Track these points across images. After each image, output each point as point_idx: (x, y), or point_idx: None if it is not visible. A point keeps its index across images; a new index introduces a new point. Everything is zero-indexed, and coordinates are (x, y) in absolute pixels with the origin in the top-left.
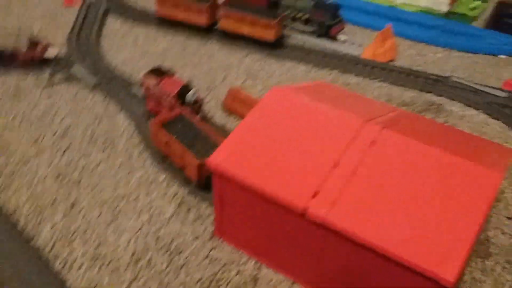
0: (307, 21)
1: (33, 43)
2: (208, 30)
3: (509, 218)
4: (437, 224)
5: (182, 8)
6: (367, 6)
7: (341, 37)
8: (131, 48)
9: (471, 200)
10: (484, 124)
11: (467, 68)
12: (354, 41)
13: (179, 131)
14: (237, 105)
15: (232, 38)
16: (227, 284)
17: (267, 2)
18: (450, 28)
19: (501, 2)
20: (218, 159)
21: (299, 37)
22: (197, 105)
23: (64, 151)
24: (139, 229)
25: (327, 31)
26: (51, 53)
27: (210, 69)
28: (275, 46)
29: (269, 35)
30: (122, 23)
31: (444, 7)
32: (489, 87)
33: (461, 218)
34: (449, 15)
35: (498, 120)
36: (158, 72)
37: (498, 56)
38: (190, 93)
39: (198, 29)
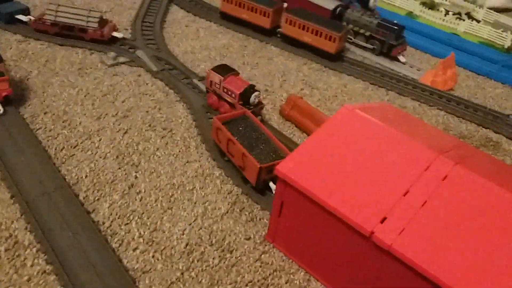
0: (369, 38)
1: (103, 22)
2: (269, 33)
3: None
4: (507, 270)
5: (246, 8)
6: (429, 31)
7: (401, 58)
8: (192, 40)
9: None
10: None
11: None
12: (413, 64)
13: (242, 131)
14: (296, 113)
15: (292, 44)
16: None
17: (330, 14)
18: None
19: None
20: (287, 167)
21: (359, 53)
22: (258, 108)
23: (125, 132)
24: (193, 221)
25: (388, 51)
26: (118, 33)
27: (269, 72)
28: (334, 58)
29: (331, 47)
30: (185, 14)
31: (507, 42)
32: None
33: None
34: (511, 50)
35: None
36: (224, 69)
37: None
38: (254, 94)
39: (259, 30)
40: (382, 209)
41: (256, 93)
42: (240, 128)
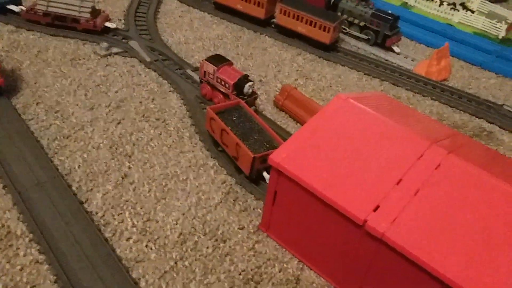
0: (363, 28)
1: (95, 12)
2: (263, 23)
3: None
4: (499, 258)
5: None
6: (424, 21)
7: (395, 49)
8: (186, 30)
9: None
10: None
11: None
12: (407, 54)
13: (235, 121)
14: (290, 103)
15: (287, 34)
16: (270, 280)
17: (324, 4)
18: (506, 55)
19: None
20: (280, 156)
21: (353, 43)
22: (252, 98)
23: (118, 123)
24: (187, 210)
25: (382, 41)
26: (111, 24)
27: (263, 63)
28: (328, 49)
29: (325, 37)
30: (178, 5)
31: (501, 33)
32: None
33: None
34: (505, 41)
35: None
36: (218, 60)
37: None
38: (248, 85)
39: (253, 20)
40: (375, 197)
41: (250, 83)
42: (234, 118)
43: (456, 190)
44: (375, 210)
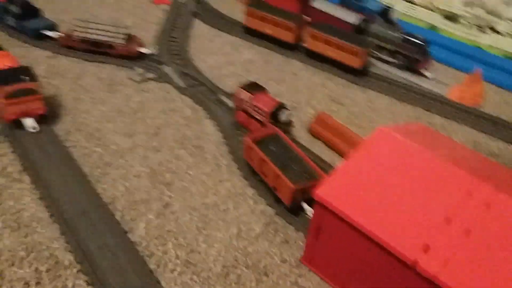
0: (393, 53)
1: (130, 38)
2: (292, 47)
3: None
4: None
5: (270, 23)
6: (453, 44)
7: (427, 73)
8: (217, 54)
9: None
10: None
11: None
12: (438, 78)
13: (274, 151)
14: (325, 131)
15: (316, 58)
16: None
17: (354, 28)
18: None
19: None
20: (325, 191)
21: (384, 68)
22: (288, 126)
23: (157, 150)
24: (229, 242)
25: (413, 66)
26: (145, 49)
27: (295, 88)
28: (359, 73)
29: (356, 62)
30: (209, 28)
31: None
32: None
33: None
34: None
35: None
36: (254, 87)
37: None
38: (285, 113)
39: (282, 44)
40: (425, 237)
41: (287, 112)
42: (272, 148)
43: (507, 230)
44: (424, 249)
